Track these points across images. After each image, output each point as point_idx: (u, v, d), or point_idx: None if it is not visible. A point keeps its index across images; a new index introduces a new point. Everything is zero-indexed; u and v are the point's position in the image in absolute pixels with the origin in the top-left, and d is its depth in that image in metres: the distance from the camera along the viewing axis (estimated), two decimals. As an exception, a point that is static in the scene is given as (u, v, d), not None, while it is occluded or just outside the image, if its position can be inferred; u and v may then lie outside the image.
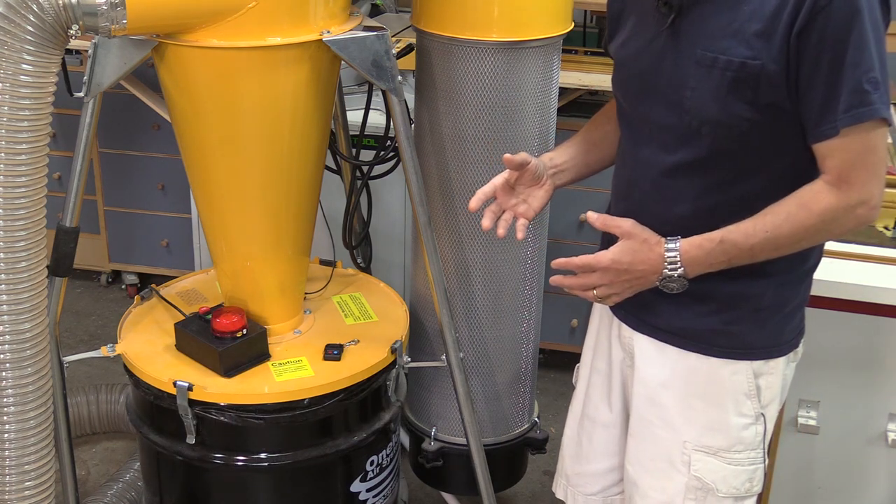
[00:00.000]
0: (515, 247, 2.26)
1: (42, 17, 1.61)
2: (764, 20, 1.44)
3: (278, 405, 1.98)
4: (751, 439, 1.68)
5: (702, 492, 1.69)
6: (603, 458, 1.89)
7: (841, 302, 2.03)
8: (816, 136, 1.46)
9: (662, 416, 1.70)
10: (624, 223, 1.57)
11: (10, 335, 1.71)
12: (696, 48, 1.50)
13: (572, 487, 1.96)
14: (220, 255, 2.13)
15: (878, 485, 2.18)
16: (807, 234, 1.50)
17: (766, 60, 1.44)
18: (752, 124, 1.49)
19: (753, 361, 1.64)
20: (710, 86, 1.49)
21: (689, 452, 1.69)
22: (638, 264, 1.56)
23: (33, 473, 1.80)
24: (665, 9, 1.53)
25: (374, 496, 2.21)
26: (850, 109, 1.42)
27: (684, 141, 1.55)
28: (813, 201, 1.47)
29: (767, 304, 1.62)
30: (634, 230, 1.56)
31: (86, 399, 2.92)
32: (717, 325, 1.63)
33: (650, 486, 1.75)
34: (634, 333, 1.72)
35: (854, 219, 1.48)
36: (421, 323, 2.37)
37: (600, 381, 1.86)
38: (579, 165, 1.83)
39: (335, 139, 2.47)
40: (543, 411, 2.75)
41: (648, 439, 1.74)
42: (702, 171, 1.56)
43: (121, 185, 3.63)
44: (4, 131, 1.62)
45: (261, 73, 1.84)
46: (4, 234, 1.66)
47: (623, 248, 1.57)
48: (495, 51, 2.05)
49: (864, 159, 1.45)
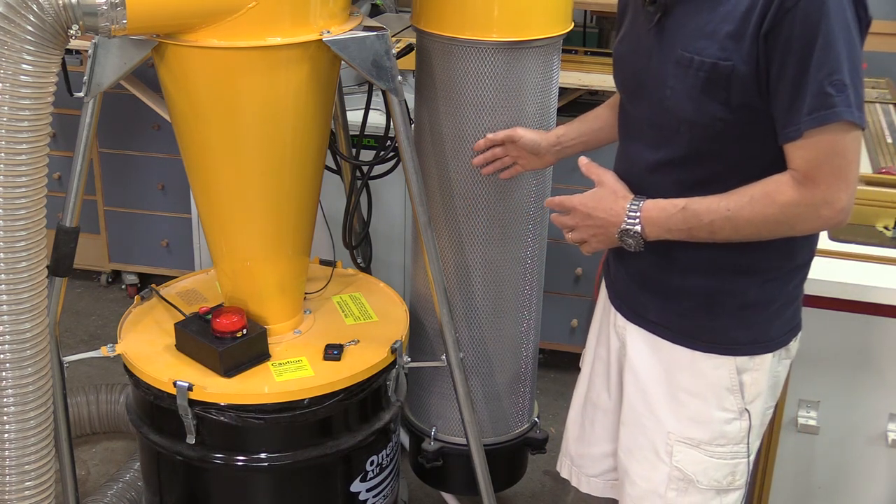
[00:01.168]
0: (515, 247, 2.26)
1: (42, 17, 1.61)
2: (736, 21, 1.46)
3: (278, 405, 1.98)
4: (734, 434, 1.70)
5: (683, 482, 1.72)
6: (604, 442, 1.93)
7: (841, 302, 2.03)
8: (783, 137, 1.48)
9: (649, 406, 1.74)
10: (604, 174, 1.66)
11: (10, 335, 1.71)
12: (677, 48, 1.53)
13: (576, 468, 2.00)
14: (220, 255, 2.13)
15: (878, 485, 2.18)
16: (766, 223, 1.51)
17: (736, 61, 1.46)
18: (726, 124, 1.51)
19: (737, 357, 1.66)
20: (686, 86, 1.52)
21: (672, 443, 1.72)
22: (601, 211, 1.62)
23: (33, 473, 1.80)
24: (651, 7, 1.56)
25: (374, 496, 2.21)
26: (813, 112, 1.43)
27: (666, 139, 1.58)
28: (777, 192, 1.49)
29: (752, 301, 1.63)
30: (608, 180, 1.64)
31: (86, 399, 2.91)
32: (703, 321, 1.66)
33: (637, 474, 1.78)
34: (627, 323, 1.76)
35: (818, 219, 1.49)
36: (421, 323, 2.37)
37: (602, 367, 1.90)
38: (589, 141, 1.99)
39: (335, 139, 2.47)
40: (543, 411, 2.76)
41: (637, 428, 1.77)
42: (681, 168, 1.58)
43: (121, 185, 3.64)
44: (4, 131, 1.62)
45: (261, 73, 1.84)
46: (4, 234, 1.66)
47: (592, 193, 1.65)
48: (495, 51, 2.05)
49: (830, 161, 1.45)
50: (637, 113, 1.66)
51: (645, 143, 1.63)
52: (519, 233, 2.25)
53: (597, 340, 1.92)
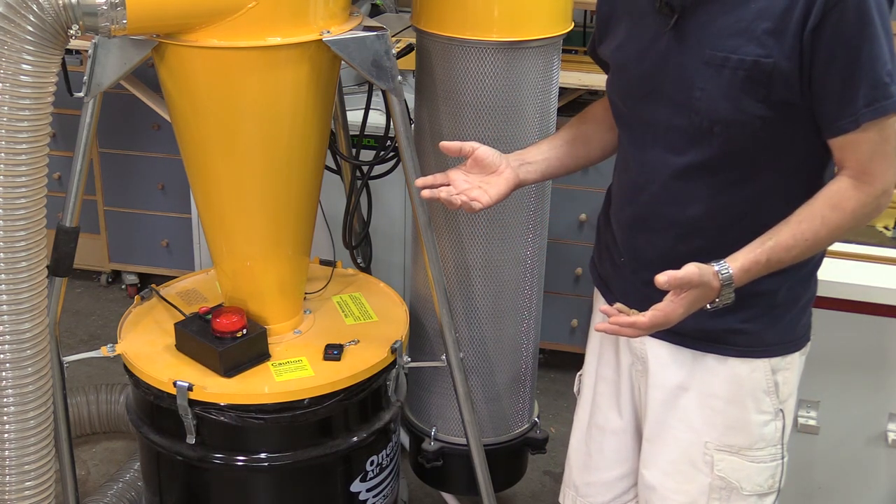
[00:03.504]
0: (515, 247, 2.26)
1: (42, 17, 1.61)
2: (774, 18, 1.44)
3: (278, 405, 1.98)
4: (771, 435, 1.68)
5: (726, 491, 1.70)
6: (614, 466, 1.88)
7: (840, 302, 2.03)
8: (834, 130, 1.47)
9: (682, 418, 1.70)
10: (692, 276, 1.45)
11: (10, 335, 1.71)
12: (704, 48, 1.50)
13: (581, 498, 1.94)
14: (220, 255, 2.13)
15: (878, 485, 2.18)
16: (841, 232, 1.51)
17: (778, 58, 1.45)
18: (765, 122, 1.49)
19: (771, 358, 1.65)
20: (721, 85, 1.49)
21: (712, 453, 1.69)
22: (698, 304, 1.50)
23: (33, 473, 1.80)
24: (667, 10, 1.53)
25: (374, 496, 2.21)
26: (873, 103, 1.43)
27: (694, 142, 1.55)
28: (844, 200, 1.48)
29: (782, 300, 1.62)
30: (701, 278, 1.46)
31: (86, 399, 2.92)
32: (734, 324, 1.62)
33: (670, 489, 1.74)
34: (646, 338, 1.70)
35: (878, 209, 1.51)
36: (421, 323, 2.37)
37: (608, 388, 1.85)
38: (551, 160, 1.79)
39: (335, 139, 2.47)
40: (543, 411, 2.76)
41: (667, 443, 1.73)
42: (714, 170, 1.55)
43: (121, 185, 3.63)
44: (4, 131, 1.62)
45: (261, 73, 1.84)
46: (4, 234, 1.66)
47: (690, 299, 1.48)
48: (495, 51, 2.05)
49: (881, 149, 1.47)
50: (651, 118, 1.60)
51: (666, 147, 1.58)
52: (519, 233, 2.25)
53: (598, 362, 1.86)
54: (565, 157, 1.81)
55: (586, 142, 1.82)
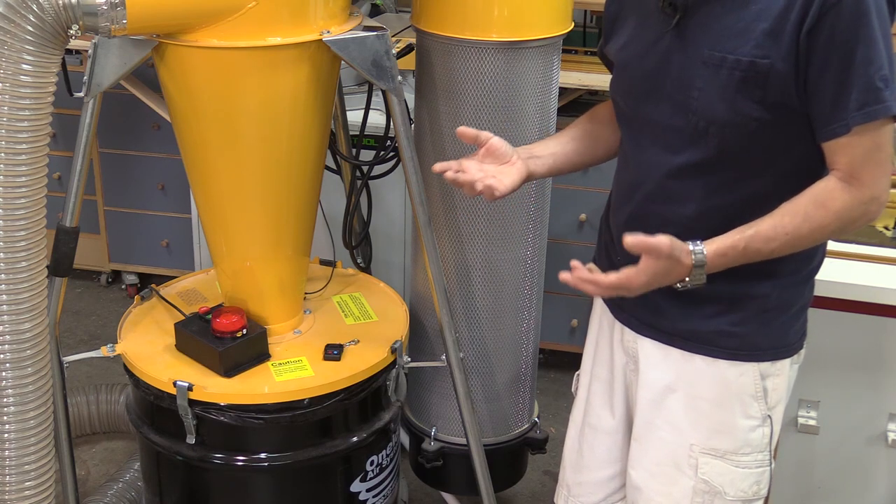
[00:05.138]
0: (515, 247, 2.26)
1: (42, 17, 1.61)
2: (772, 19, 1.44)
3: (278, 405, 1.98)
4: (758, 441, 1.67)
5: (709, 495, 1.69)
6: (605, 465, 1.88)
7: (840, 302, 2.03)
8: (826, 134, 1.46)
9: (668, 419, 1.70)
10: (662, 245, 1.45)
11: (10, 335, 1.71)
12: (704, 48, 1.50)
13: (573, 497, 1.94)
14: (220, 255, 2.13)
15: (878, 485, 2.18)
16: (824, 232, 1.50)
17: (774, 59, 1.44)
18: (760, 123, 1.49)
19: (760, 363, 1.64)
20: (718, 86, 1.49)
21: (696, 455, 1.68)
22: (665, 280, 1.50)
23: (33, 473, 1.80)
24: (669, 9, 1.53)
25: (374, 496, 2.21)
26: (864, 107, 1.42)
27: (691, 142, 1.54)
28: (829, 199, 1.47)
29: (773, 304, 1.61)
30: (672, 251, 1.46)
31: (86, 399, 2.92)
32: (724, 327, 1.62)
33: (655, 491, 1.74)
34: (638, 337, 1.71)
35: (866, 215, 1.49)
36: (421, 323, 2.37)
37: (601, 388, 1.85)
38: (557, 155, 1.80)
39: (335, 139, 2.47)
40: (543, 411, 2.76)
41: (654, 443, 1.73)
42: (709, 171, 1.55)
43: (121, 185, 3.64)
44: (4, 131, 1.62)
45: (261, 73, 1.84)
46: (4, 234, 1.66)
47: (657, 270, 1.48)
48: (495, 51, 2.05)
49: (873, 156, 1.45)
50: (650, 118, 1.60)
51: (663, 147, 1.58)
52: (519, 233, 2.25)
53: (593, 361, 1.87)
54: (572, 153, 1.82)
55: (593, 140, 1.82)
